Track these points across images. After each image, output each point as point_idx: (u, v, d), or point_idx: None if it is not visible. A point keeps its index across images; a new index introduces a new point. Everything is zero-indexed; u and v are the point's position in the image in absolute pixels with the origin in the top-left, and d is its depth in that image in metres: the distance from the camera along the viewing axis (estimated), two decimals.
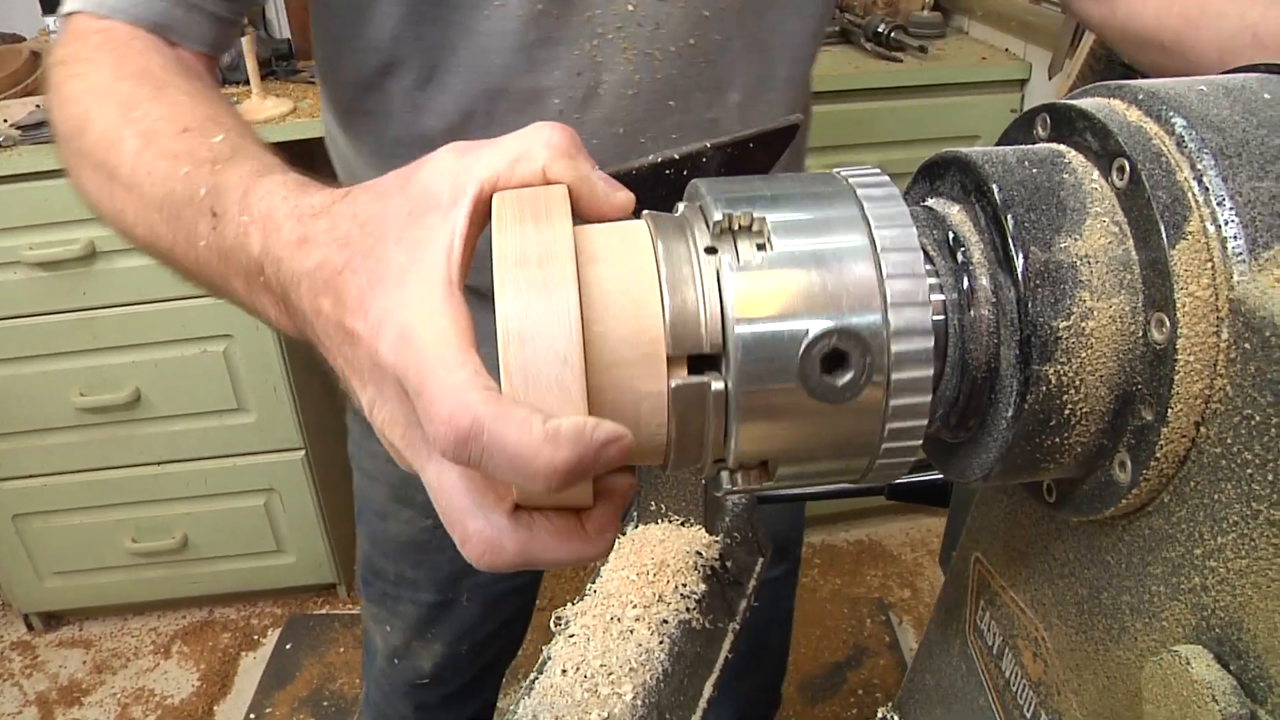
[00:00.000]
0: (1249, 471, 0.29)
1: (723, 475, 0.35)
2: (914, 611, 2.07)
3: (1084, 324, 0.32)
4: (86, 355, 1.75)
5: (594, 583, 0.65)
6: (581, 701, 0.56)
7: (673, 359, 0.32)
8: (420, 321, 0.33)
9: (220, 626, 2.12)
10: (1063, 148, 0.35)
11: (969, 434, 0.36)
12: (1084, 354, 0.32)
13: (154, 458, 1.87)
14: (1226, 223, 0.30)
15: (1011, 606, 0.43)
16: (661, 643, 0.60)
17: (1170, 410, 0.31)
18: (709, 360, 0.33)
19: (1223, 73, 0.37)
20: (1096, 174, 0.34)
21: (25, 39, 2.01)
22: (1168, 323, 0.31)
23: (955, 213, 0.36)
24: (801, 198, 0.34)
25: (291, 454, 1.88)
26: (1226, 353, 0.30)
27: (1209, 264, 0.30)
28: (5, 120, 1.64)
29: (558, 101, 0.70)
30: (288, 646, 2.03)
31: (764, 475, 0.35)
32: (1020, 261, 0.32)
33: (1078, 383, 0.32)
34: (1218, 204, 0.30)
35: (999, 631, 0.45)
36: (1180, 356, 0.30)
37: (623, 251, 0.33)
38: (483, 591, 1.02)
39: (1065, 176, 0.34)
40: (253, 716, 1.88)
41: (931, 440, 0.39)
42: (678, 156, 0.46)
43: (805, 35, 0.77)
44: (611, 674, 0.58)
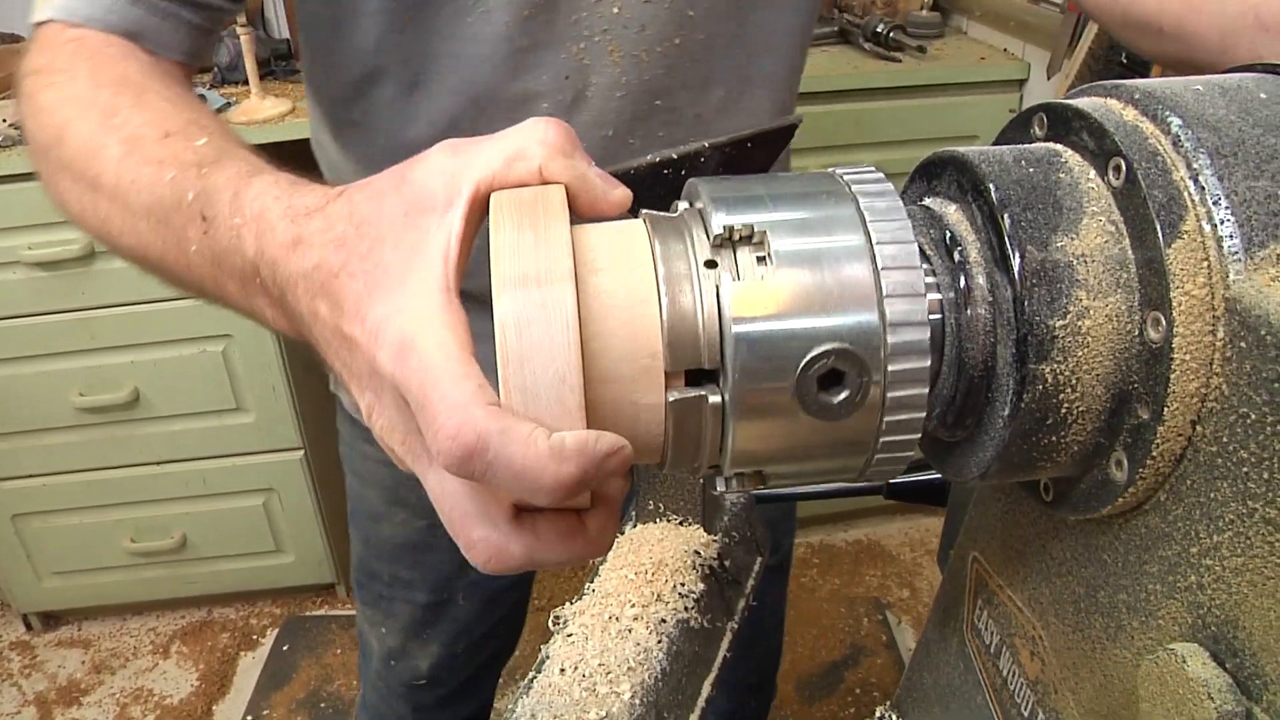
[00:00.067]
0: (1245, 470, 0.29)
1: (717, 479, 0.36)
2: (913, 611, 2.07)
3: (1080, 323, 0.32)
4: (85, 355, 1.75)
5: (592, 582, 0.65)
6: (580, 700, 0.56)
7: (671, 372, 0.32)
8: (419, 329, 0.33)
9: (219, 626, 2.11)
10: (1059, 147, 0.36)
11: (966, 433, 0.36)
12: (1080, 353, 0.32)
13: (153, 457, 1.87)
14: (1222, 222, 0.30)
15: (1009, 605, 0.44)
16: (660, 642, 0.60)
17: (1166, 409, 0.31)
18: (706, 372, 0.33)
19: (1220, 72, 0.37)
20: (1093, 173, 0.34)
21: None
22: (1164, 321, 0.31)
23: (952, 212, 0.36)
24: (800, 202, 0.34)
25: (290, 454, 1.88)
26: (1222, 351, 0.30)
27: (1205, 263, 0.30)
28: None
29: (546, 105, 0.70)
30: (285, 648, 2.03)
31: (758, 480, 0.35)
32: (1017, 260, 0.32)
33: (1074, 381, 0.32)
34: (1213, 203, 0.30)
35: (996, 630, 0.45)
36: (1176, 355, 0.30)
37: (621, 261, 0.33)
38: (478, 591, 1.02)
39: (1062, 176, 0.34)
40: (250, 719, 1.88)
41: (929, 439, 0.39)
42: (676, 156, 0.46)
43: (790, 30, 0.76)
44: (610, 673, 0.58)
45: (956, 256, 0.35)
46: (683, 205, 0.36)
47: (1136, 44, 0.75)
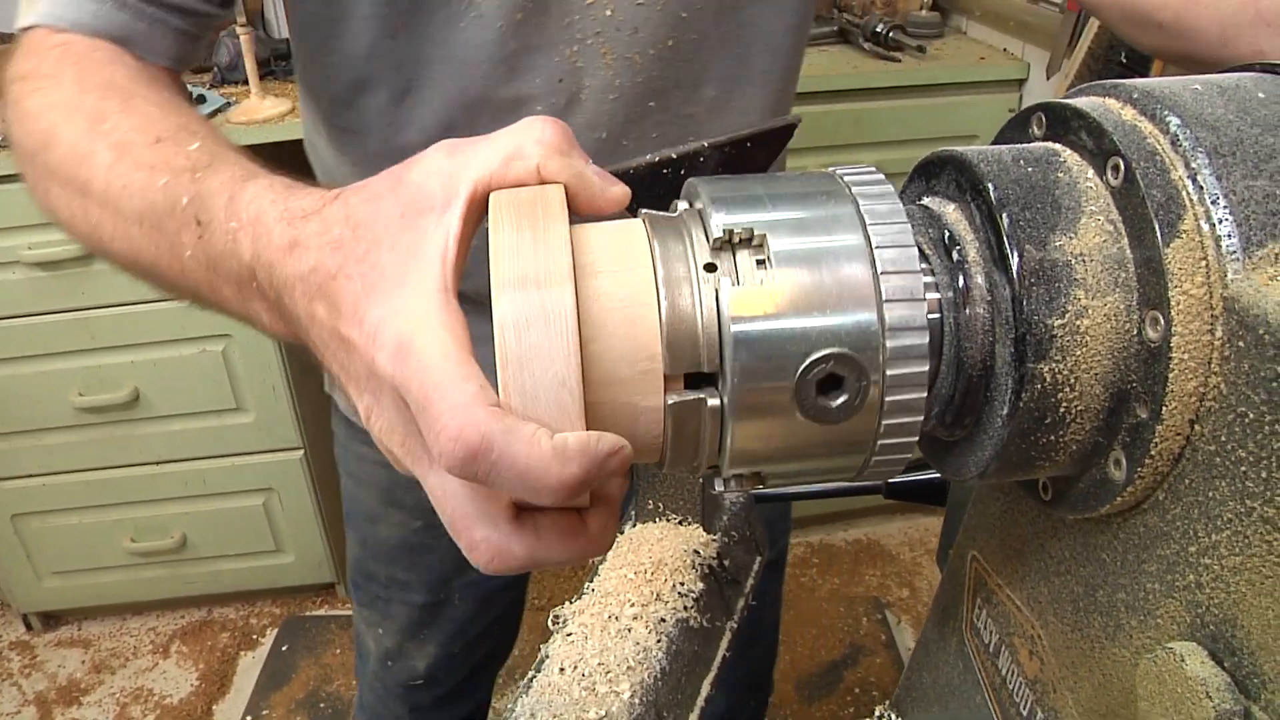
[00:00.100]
0: (1243, 469, 0.29)
1: (716, 479, 0.36)
2: (912, 611, 2.07)
3: (1079, 322, 0.32)
4: (85, 355, 1.75)
5: (592, 581, 0.65)
6: (579, 700, 0.56)
7: (670, 375, 0.32)
8: (418, 331, 0.33)
9: (219, 626, 2.12)
10: (1058, 146, 0.36)
11: (965, 432, 0.37)
12: (1079, 352, 0.32)
13: (153, 457, 1.87)
14: (1220, 221, 0.30)
15: (1008, 604, 0.44)
16: (659, 641, 0.60)
17: (1165, 408, 0.31)
18: (706, 374, 0.33)
19: (1218, 71, 0.37)
20: (1091, 173, 0.34)
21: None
22: (1162, 321, 0.31)
23: (951, 211, 0.36)
24: (800, 204, 0.34)
25: (290, 453, 1.88)
26: (1221, 350, 0.30)
27: (1203, 262, 0.30)
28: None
29: (539, 109, 0.70)
30: (284, 648, 2.03)
31: (757, 480, 0.36)
32: (1015, 260, 0.32)
33: (1073, 381, 0.32)
34: (1212, 202, 0.30)
35: (995, 629, 0.45)
36: (1175, 354, 0.30)
37: (621, 264, 0.33)
38: (474, 591, 1.02)
39: (1060, 175, 0.34)
40: (250, 718, 1.88)
41: (928, 438, 0.39)
42: (675, 156, 0.46)
43: (783, 28, 0.76)
44: (609, 672, 0.58)
45: (955, 256, 0.35)
46: (682, 205, 0.36)
47: (1136, 39, 0.75)
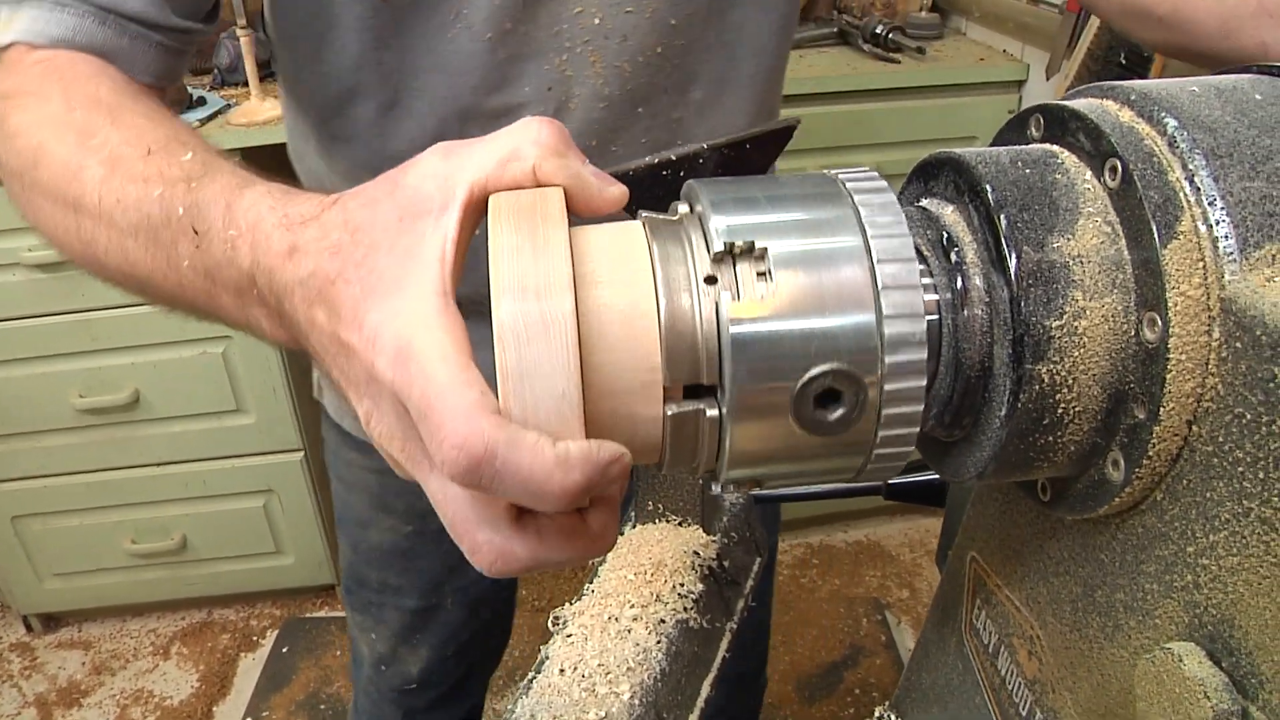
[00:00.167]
0: (1240, 469, 0.29)
1: (715, 482, 0.36)
2: (913, 612, 2.07)
3: (1076, 323, 0.32)
4: (85, 357, 1.75)
5: (592, 582, 0.65)
6: (579, 701, 0.56)
7: (669, 387, 0.33)
8: (417, 335, 0.33)
9: (219, 628, 2.11)
10: (1056, 148, 0.36)
11: (963, 433, 0.37)
12: (1077, 353, 0.32)
13: (153, 459, 1.87)
14: (1218, 222, 0.30)
15: (1007, 605, 0.44)
16: (659, 642, 0.60)
17: (1163, 409, 0.31)
18: (704, 384, 0.33)
19: (1216, 71, 0.37)
20: (1089, 174, 0.34)
21: None
22: (1160, 322, 0.31)
23: (949, 213, 0.36)
24: (801, 214, 0.34)
25: (290, 455, 1.88)
26: (1218, 351, 0.30)
27: (1200, 263, 0.30)
28: None
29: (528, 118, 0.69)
30: (284, 650, 2.03)
31: (755, 483, 0.36)
32: (1013, 261, 0.32)
33: (1070, 382, 0.33)
34: (1209, 204, 0.31)
35: (995, 630, 0.45)
36: (1172, 355, 0.30)
37: (621, 273, 0.33)
38: (466, 595, 1.02)
39: (1058, 177, 0.34)
40: None
41: (926, 439, 0.39)
42: (674, 158, 0.46)
43: (770, 31, 0.76)
44: (609, 673, 0.58)
45: (953, 257, 0.35)
46: (682, 208, 0.36)
47: (1135, 32, 0.75)
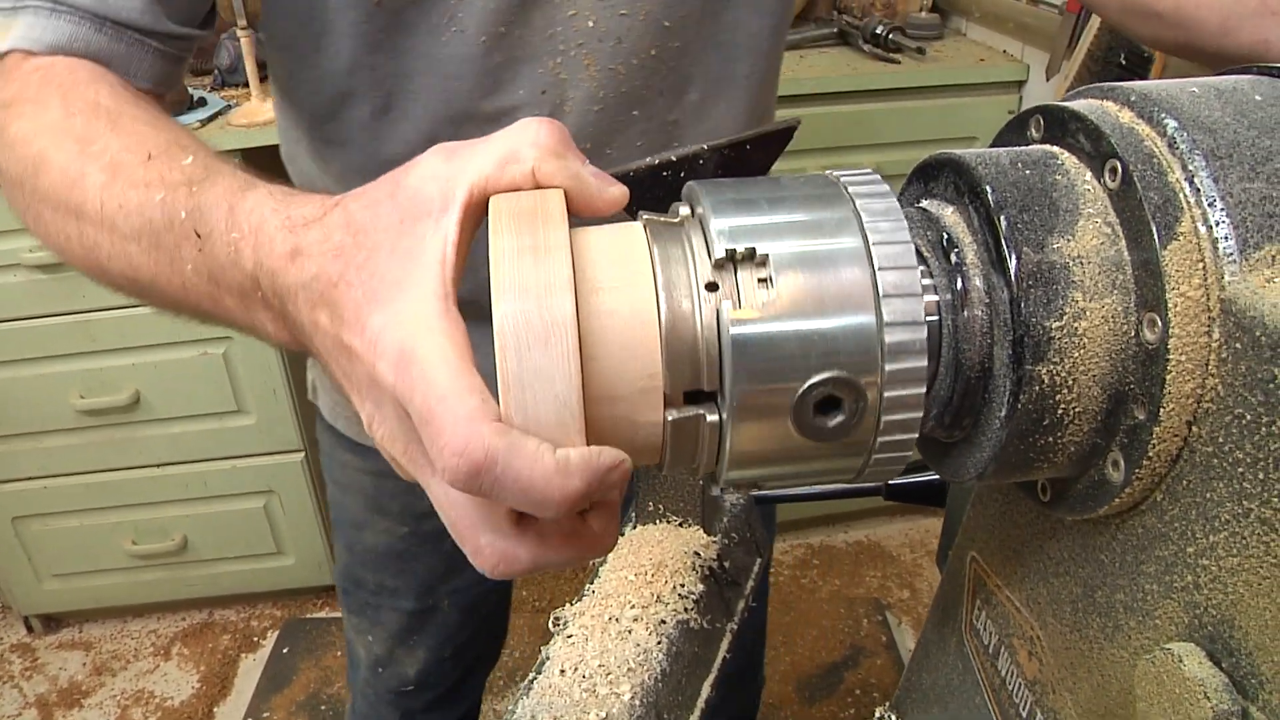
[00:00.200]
0: (1240, 470, 0.29)
1: (714, 486, 0.36)
2: (913, 612, 2.07)
3: (1076, 324, 0.32)
4: (86, 358, 1.75)
5: (592, 583, 0.65)
6: (580, 701, 0.56)
7: (670, 393, 0.33)
8: (418, 339, 0.33)
9: (220, 628, 2.11)
10: (1056, 149, 0.36)
11: (963, 434, 0.37)
12: (1077, 354, 0.32)
13: (154, 460, 1.87)
14: (1218, 223, 0.30)
15: (1007, 605, 0.44)
16: (660, 643, 0.60)
17: (1162, 409, 0.31)
18: (706, 391, 0.33)
19: (1215, 74, 0.37)
20: (1089, 175, 0.34)
21: None
22: (1160, 323, 0.31)
23: (949, 214, 0.36)
24: (803, 219, 0.34)
25: (291, 456, 1.88)
26: (1218, 352, 0.30)
27: (1200, 264, 0.30)
28: None
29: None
30: (285, 650, 2.03)
31: (754, 485, 0.36)
32: (1013, 262, 0.32)
33: (1070, 382, 0.33)
34: (1209, 205, 0.31)
35: (995, 630, 0.45)
36: (1172, 356, 0.30)
37: (622, 279, 0.33)
38: (462, 596, 1.02)
39: (1058, 178, 0.34)
40: None
41: (927, 440, 0.39)
42: (675, 159, 0.46)
43: (764, 32, 0.76)
44: (610, 674, 0.58)
45: (953, 258, 0.35)
46: (683, 210, 0.36)
47: (1135, 30, 0.75)
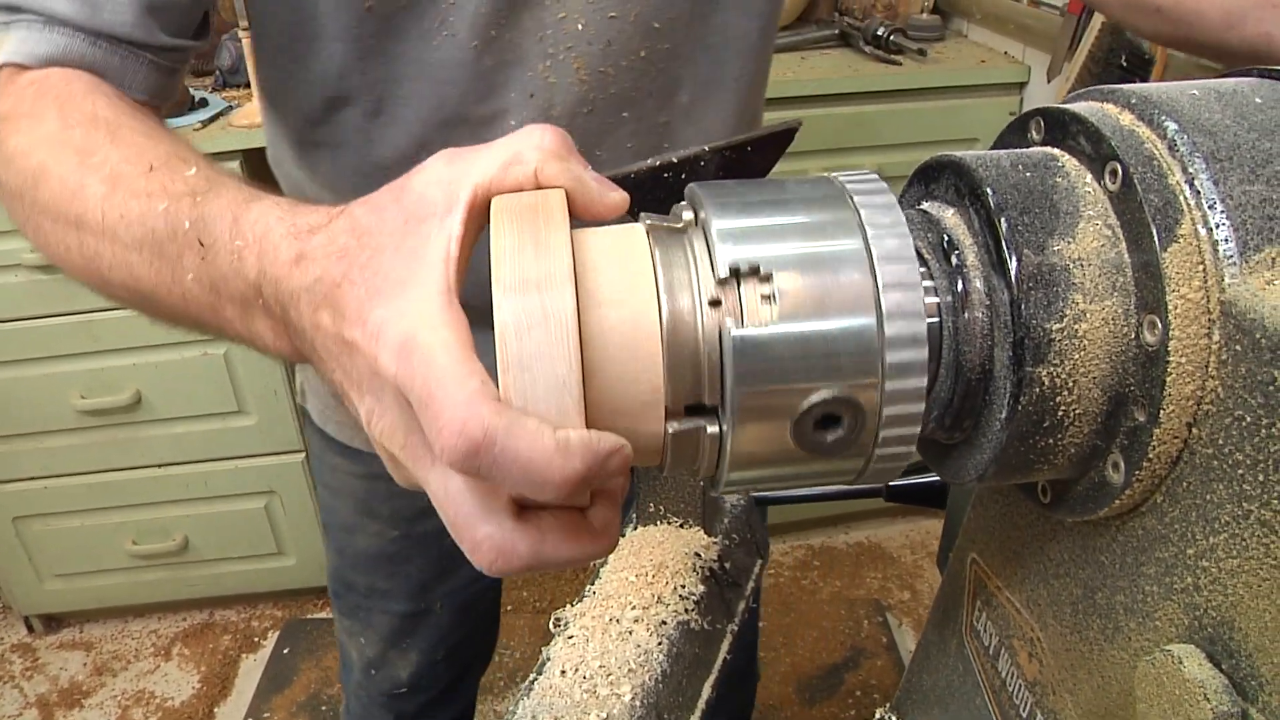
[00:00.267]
0: (1240, 472, 0.29)
1: (714, 489, 0.36)
2: (914, 613, 2.07)
3: (1077, 326, 0.32)
4: (87, 358, 1.75)
5: (593, 584, 0.65)
6: (580, 702, 0.56)
7: (671, 405, 0.33)
8: (420, 330, 0.33)
9: (221, 629, 2.12)
10: (1056, 151, 0.36)
11: (964, 435, 0.37)
12: (1077, 356, 0.32)
13: (155, 460, 1.87)
14: (1218, 226, 0.30)
15: (1007, 607, 0.44)
16: (660, 644, 0.60)
17: (1163, 411, 0.31)
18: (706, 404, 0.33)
19: (1216, 76, 0.37)
20: (1089, 177, 0.34)
21: None
22: (1160, 325, 0.31)
23: (950, 216, 0.36)
24: (802, 216, 0.34)
25: (292, 456, 1.88)
26: (1218, 354, 0.30)
27: (1200, 266, 0.30)
28: None
29: (514, 124, 0.69)
30: (285, 651, 2.03)
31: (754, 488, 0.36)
32: (1014, 264, 0.32)
33: (1071, 384, 0.33)
34: (1209, 207, 0.31)
35: (995, 632, 0.45)
36: (1172, 358, 0.30)
37: (624, 291, 0.33)
38: (455, 598, 1.02)
39: (1058, 180, 0.34)
40: None
41: (927, 442, 0.39)
42: (676, 160, 0.46)
43: (752, 33, 0.76)
44: (610, 675, 0.58)
45: (954, 260, 0.35)
46: (686, 215, 0.36)
47: (1137, 25, 0.75)
